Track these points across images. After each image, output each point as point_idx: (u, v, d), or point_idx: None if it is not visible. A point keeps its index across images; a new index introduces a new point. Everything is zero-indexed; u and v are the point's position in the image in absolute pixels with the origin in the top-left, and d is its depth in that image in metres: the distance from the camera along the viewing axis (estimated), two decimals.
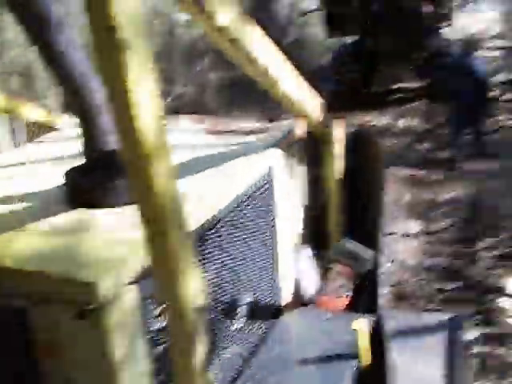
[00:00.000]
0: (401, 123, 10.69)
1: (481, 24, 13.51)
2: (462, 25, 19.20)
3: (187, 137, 2.34)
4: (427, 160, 8.69)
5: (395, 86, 12.79)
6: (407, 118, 10.93)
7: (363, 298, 3.07)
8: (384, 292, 4.22)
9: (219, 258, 2.21)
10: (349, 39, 13.26)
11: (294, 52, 10.00)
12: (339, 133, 2.48)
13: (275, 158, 2.29)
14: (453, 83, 8.35)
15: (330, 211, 3.15)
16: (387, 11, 10.82)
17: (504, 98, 10.81)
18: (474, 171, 7.85)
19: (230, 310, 2.32)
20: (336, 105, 10.43)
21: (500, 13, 24.34)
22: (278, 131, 2.35)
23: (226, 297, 2.27)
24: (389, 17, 10.78)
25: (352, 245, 3.11)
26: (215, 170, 2.02)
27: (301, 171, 2.50)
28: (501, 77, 11.69)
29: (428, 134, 10.04)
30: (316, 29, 15.49)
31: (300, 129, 2.45)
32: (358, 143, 2.82)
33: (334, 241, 3.17)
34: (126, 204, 1.92)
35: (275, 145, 2.29)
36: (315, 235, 3.17)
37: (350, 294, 3.01)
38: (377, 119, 10.73)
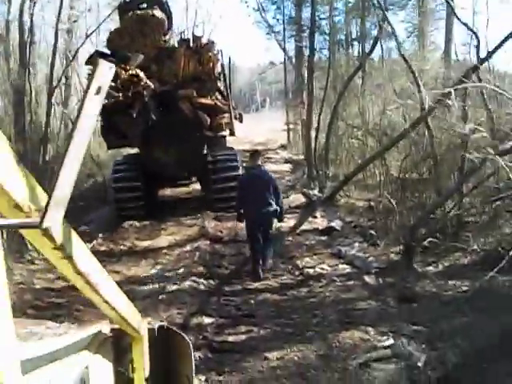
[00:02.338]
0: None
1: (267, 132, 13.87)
2: (248, 133, 21.01)
3: None
4: None
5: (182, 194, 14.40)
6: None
7: None
8: None
9: None
10: (129, 150, 14.05)
11: None
12: (145, 329, 2.42)
13: (89, 358, 2.18)
14: (242, 196, 8.27)
15: None
16: (165, 122, 11.02)
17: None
18: None
19: None
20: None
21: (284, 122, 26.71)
22: (85, 331, 2.25)
23: None
24: (167, 128, 10.98)
25: None
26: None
27: (111, 372, 2.44)
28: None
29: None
30: None
31: (107, 327, 2.41)
32: (165, 339, 2.68)
33: None
34: None
35: (87, 345, 2.22)
36: None
37: None
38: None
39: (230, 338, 5.98)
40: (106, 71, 1.13)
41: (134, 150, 13.39)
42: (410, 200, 10.80)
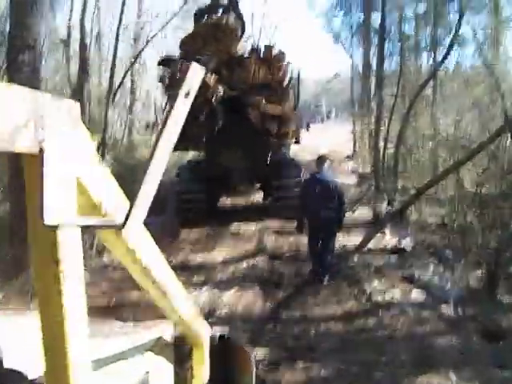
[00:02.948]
0: None
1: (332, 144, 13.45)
2: (312, 144, 20.16)
3: None
4: None
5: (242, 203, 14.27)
6: None
7: None
8: None
9: None
10: (193, 154, 14.53)
11: None
12: (207, 336, 2.44)
13: (151, 361, 2.28)
14: (304, 199, 8.13)
15: None
16: (231, 128, 11.07)
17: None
18: None
19: None
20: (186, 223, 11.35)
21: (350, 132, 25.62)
22: (149, 333, 2.35)
23: None
24: (233, 133, 11.09)
25: None
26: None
27: (172, 374, 2.43)
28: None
29: None
30: None
31: (171, 331, 2.44)
32: (226, 349, 2.62)
33: None
34: None
35: (150, 347, 2.29)
36: None
37: None
38: None
39: (286, 376, 5.25)
40: (198, 74, 1.17)
41: (196, 155, 13.66)
42: (489, 218, 9.78)
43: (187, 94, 1.11)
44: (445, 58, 14.48)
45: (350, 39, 24.61)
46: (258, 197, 14.26)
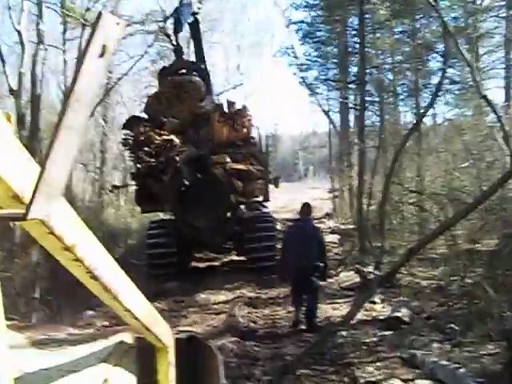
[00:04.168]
0: None
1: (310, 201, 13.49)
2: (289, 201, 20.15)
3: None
4: None
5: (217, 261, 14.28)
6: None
7: None
8: None
9: None
10: (162, 215, 14.69)
11: None
12: (171, 339, 2.26)
13: (109, 369, 2.10)
14: (287, 246, 8.28)
15: None
16: (198, 187, 11.23)
17: None
18: None
19: None
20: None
21: (326, 190, 25.83)
22: (108, 340, 2.22)
23: None
24: (199, 192, 11.21)
25: None
26: None
27: (134, 380, 2.27)
28: None
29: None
30: None
31: (131, 337, 2.37)
32: (192, 350, 2.61)
33: None
34: None
35: (108, 356, 2.13)
36: None
37: None
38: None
39: None
40: (113, 26, 0.93)
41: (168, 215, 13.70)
42: (490, 278, 8.46)
43: (102, 52, 0.86)
44: (431, 103, 13.48)
45: (327, 93, 23.88)
46: (231, 254, 13.88)
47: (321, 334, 7.40)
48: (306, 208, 8.49)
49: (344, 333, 7.56)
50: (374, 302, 8.94)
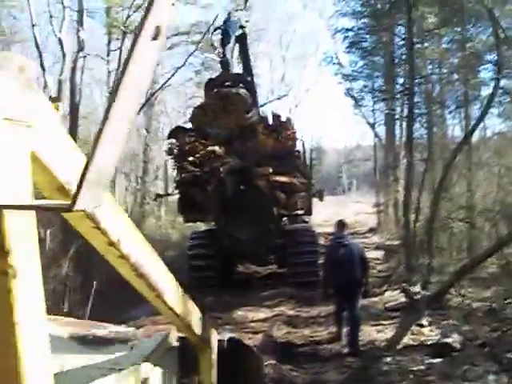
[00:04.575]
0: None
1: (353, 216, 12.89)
2: (333, 215, 19.35)
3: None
4: None
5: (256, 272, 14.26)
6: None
7: None
8: None
9: None
10: (204, 225, 14.78)
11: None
12: (214, 340, 2.37)
13: (150, 369, 2.11)
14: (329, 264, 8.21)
15: None
16: (241, 198, 11.22)
17: None
18: None
19: None
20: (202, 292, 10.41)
21: (371, 204, 24.64)
22: (150, 338, 2.23)
23: None
24: (243, 204, 11.17)
25: None
26: None
27: (175, 381, 2.32)
28: None
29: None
30: None
31: (174, 336, 2.38)
32: (234, 353, 2.60)
33: None
34: None
35: (149, 355, 2.11)
36: None
37: None
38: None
39: None
40: (167, 7, 0.88)
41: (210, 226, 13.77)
42: None
43: (156, 34, 0.81)
44: (483, 114, 12.80)
45: (372, 105, 23.35)
46: (274, 267, 13.82)
47: (364, 360, 6.90)
48: (341, 225, 8.51)
49: (389, 358, 7.06)
50: (421, 325, 8.37)
